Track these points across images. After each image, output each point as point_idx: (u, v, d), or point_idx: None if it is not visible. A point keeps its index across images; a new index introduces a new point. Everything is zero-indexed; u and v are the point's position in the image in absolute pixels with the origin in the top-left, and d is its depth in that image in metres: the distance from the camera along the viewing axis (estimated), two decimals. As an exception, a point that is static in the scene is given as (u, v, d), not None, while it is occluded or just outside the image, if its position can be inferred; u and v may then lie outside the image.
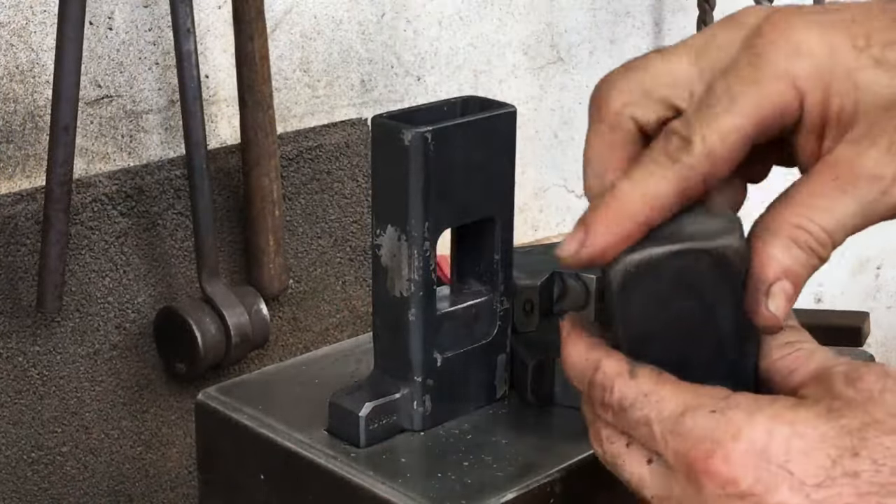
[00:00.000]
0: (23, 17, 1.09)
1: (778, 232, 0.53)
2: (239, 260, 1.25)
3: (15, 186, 1.12)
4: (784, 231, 0.53)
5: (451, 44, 1.46)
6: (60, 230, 1.07)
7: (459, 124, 0.77)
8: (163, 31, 1.18)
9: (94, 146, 1.17)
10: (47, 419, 1.15)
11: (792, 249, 0.53)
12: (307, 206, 1.31)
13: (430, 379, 0.80)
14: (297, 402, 0.85)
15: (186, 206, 1.19)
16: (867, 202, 0.53)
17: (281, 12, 1.28)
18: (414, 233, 0.76)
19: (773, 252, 0.53)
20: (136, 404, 1.21)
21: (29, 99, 1.11)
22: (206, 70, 1.21)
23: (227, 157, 1.24)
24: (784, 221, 0.53)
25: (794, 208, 0.53)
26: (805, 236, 0.53)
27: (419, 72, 1.43)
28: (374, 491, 0.76)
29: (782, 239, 0.53)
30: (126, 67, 1.17)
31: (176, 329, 1.18)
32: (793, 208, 0.53)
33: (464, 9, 1.46)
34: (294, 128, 1.32)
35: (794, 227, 0.53)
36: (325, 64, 1.33)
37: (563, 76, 1.61)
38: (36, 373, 1.13)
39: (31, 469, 1.15)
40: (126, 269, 1.18)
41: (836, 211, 0.53)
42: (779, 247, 0.53)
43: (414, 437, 0.81)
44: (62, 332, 1.14)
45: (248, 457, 0.84)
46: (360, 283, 1.37)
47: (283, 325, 1.30)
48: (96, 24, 1.14)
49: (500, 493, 0.76)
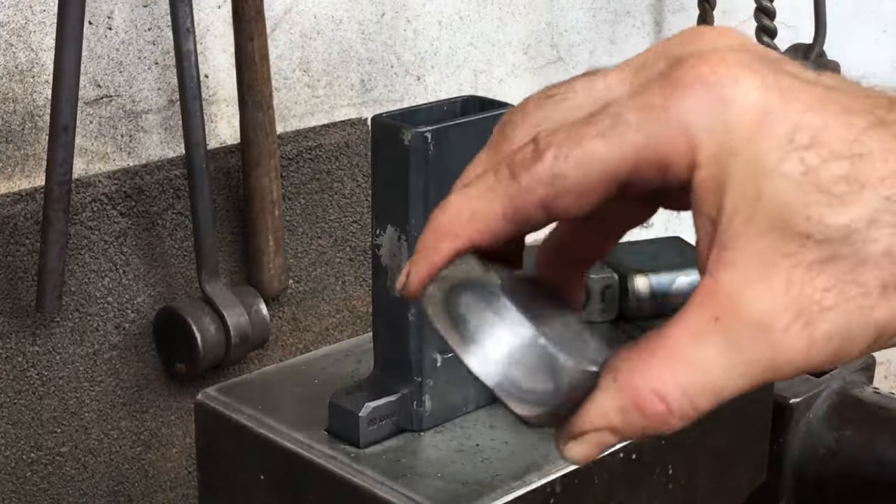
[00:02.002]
0: (22, 17, 1.09)
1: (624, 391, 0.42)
2: (239, 260, 1.25)
3: (14, 186, 1.12)
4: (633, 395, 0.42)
5: (451, 43, 1.46)
6: (60, 230, 1.07)
7: (459, 124, 0.77)
8: (162, 30, 1.18)
9: (94, 146, 1.17)
10: (47, 419, 1.14)
11: (631, 416, 0.42)
12: (307, 206, 1.30)
13: (430, 379, 0.80)
14: (297, 402, 0.85)
15: (186, 205, 1.19)
16: (751, 358, 0.41)
17: (281, 12, 1.28)
18: (414, 233, 0.76)
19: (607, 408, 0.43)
20: (136, 404, 1.21)
21: (28, 99, 1.11)
22: (205, 70, 1.21)
23: (227, 156, 1.24)
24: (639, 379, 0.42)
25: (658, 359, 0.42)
26: (658, 406, 0.42)
27: (419, 72, 1.43)
28: (374, 491, 0.76)
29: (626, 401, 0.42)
30: (126, 67, 1.17)
31: (175, 329, 1.18)
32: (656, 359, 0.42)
33: (464, 8, 1.46)
34: (294, 128, 1.32)
35: (650, 391, 0.42)
36: (324, 64, 1.33)
37: (563, 76, 1.60)
38: (35, 373, 1.13)
39: (31, 469, 1.15)
40: (125, 269, 1.17)
41: (712, 370, 0.41)
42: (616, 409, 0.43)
43: (414, 437, 0.81)
44: (61, 332, 1.14)
45: (248, 457, 0.83)
46: (360, 283, 1.37)
47: (283, 325, 1.30)
48: (96, 24, 1.14)
49: (500, 493, 0.76)
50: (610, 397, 0.42)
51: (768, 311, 0.40)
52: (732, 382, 0.41)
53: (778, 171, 0.40)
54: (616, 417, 0.42)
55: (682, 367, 0.41)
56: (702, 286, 0.42)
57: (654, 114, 0.42)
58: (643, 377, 0.42)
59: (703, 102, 0.41)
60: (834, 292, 0.40)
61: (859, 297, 0.40)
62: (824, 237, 0.40)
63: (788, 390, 1.07)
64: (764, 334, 0.41)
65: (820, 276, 0.40)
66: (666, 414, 0.42)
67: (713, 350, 0.41)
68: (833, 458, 1.08)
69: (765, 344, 0.41)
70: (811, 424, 1.08)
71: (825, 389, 1.09)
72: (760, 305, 0.41)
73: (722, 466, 0.93)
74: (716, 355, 0.41)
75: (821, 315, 0.40)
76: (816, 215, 0.40)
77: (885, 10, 1.93)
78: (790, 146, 0.41)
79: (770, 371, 0.41)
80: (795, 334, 0.40)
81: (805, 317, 0.40)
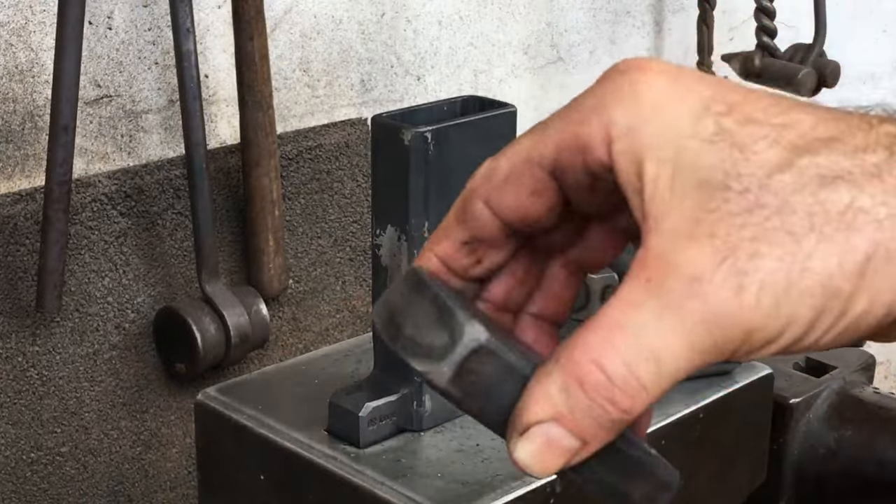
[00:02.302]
0: (22, 17, 1.09)
1: (565, 367, 0.41)
2: (239, 260, 1.25)
3: (14, 186, 1.12)
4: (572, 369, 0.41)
5: (451, 43, 1.46)
6: (60, 230, 1.07)
7: (459, 124, 0.77)
8: (162, 30, 1.18)
9: (94, 146, 1.17)
10: (46, 419, 1.14)
11: (574, 395, 0.41)
12: (307, 206, 1.30)
13: (430, 379, 0.80)
14: (297, 402, 0.85)
15: (186, 205, 1.19)
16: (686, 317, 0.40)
17: (281, 12, 1.28)
18: (414, 233, 0.76)
19: (549, 390, 0.41)
20: (136, 404, 1.21)
21: (28, 99, 1.11)
22: (205, 70, 1.21)
23: (227, 156, 1.24)
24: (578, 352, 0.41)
25: (596, 333, 0.41)
26: (597, 376, 0.40)
27: (419, 71, 1.43)
28: (374, 491, 0.76)
29: (568, 377, 0.41)
30: (125, 67, 1.17)
31: (175, 329, 1.18)
32: (594, 333, 0.41)
33: (464, 8, 1.46)
34: (294, 127, 1.32)
35: (589, 361, 0.40)
36: (324, 64, 1.33)
37: (563, 76, 1.61)
38: (35, 373, 1.13)
39: (31, 469, 1.15)
40: (125, 269, 1.17)
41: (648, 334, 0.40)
42: (559, 389, 0.41)
43: (414, 437, 0.81)
44: (61, 332, 1.14)
45: (248, 457, 0.83)
46: (360, 283, 1.37)
47: (283, 325, 1.30)
48: (96, 24, 1.14)
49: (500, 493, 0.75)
50: (552, 379, 0.41)
51: (695, 264, 0.40)
52: (673, 347, 0.40)
53: (693, 132, 0.41)
54: (559, 399, 0.41)
55: (618, 335, 0.40)
56: (635, 257, 0.42)
57: (572, 104, 0.44)
58: (583, 351, 0.41)
59: (615, 86, 0.43)
60: (763, 241, 0.39)
61: (791, 244, 0.39)
62: (743, 187, 0.40)
63: (788, 390, 1.07)
64: (693, 288, 0.39)
65: (746, 226, 0.39)
66: (608, 386, 0.40)
67: (647, 313, 0.40)
68: (833, 458, 1.08)
69: (696, 298, 0.39)
70: (811, 424, 1.08)
71: (825, 389, 1.09)
72: (686, 259, 0.40)
73: (722, 466, 0.93)
74: (650, 318, 0.40)
75: (751, 262, 0.39)
76: (734, 169, 0.40)
77: (885, 10, 1.93)
78: (705, 112, 0.41)
79: (709, 329, 0.40)
80: (724, 283, 0.39)
81: (732, 265, 0.39)
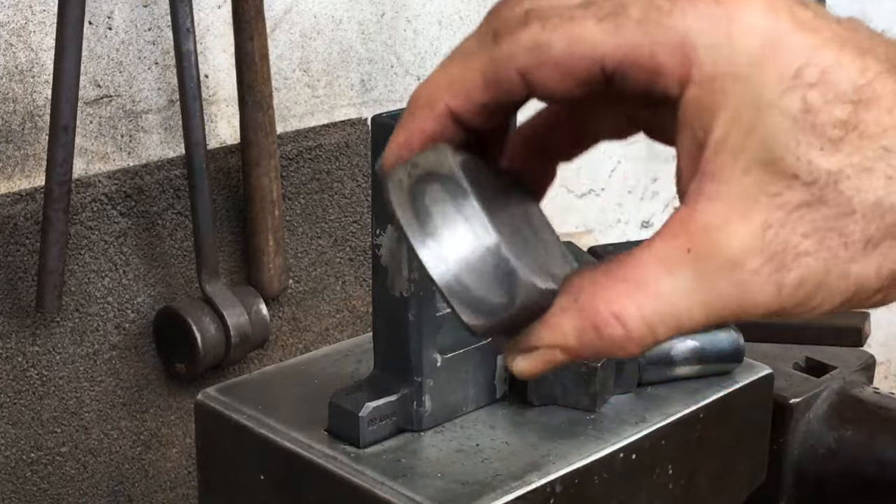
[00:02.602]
0: (22, 17, 1.09)
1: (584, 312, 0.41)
2: (239, 260, 1.25)
3: (14, 186, 1.12)
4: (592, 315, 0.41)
5: (451, 43, 1.46)
6: (60, 230, 1.07)
7: (459, 124, 0.77)
8: (162, 30, 1.18)
9: (94, 146, 1.17)
10: (46, 419, 1.14)
11: (587, 336, 0.41)
12: (307, 206, 1.30)
13: (430, 379, 0.80)
14: (297, 402, 0.85)
15: (186, 205, 1.19)
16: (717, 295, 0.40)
17: (281, 12, 1.28)
18: (414, 232, 0.76)
19: (564, 328, 0.41)
20: (136, 404, 1.21)
21: (28, 99, 1.11)
22: (205, 70, 1.21)
23: (227, 156, 1.24)
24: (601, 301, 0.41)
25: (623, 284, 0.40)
26: (616, 329, 0.40)
27: (419, 71, 1.43)
28: (374, 491, 0.76)
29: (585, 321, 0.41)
30: (125, 67, 1.17)
31: (175, 329, 1.18)
32: (621, 283, 0.40)
33: (464, 8, 1.46)
34: (294, 127, 1.32)
35: (610, 314, 0.40)
36: (324, 64, 1.33)
37: (563, 76, 1.61)
38: (35, 373, 1.13)
39: (31, 469, 1.15)
40: (125, 269, 1.17)
41: (676, 301, 0.40)
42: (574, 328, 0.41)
43: (414, 437, 0.81)
44: (61, 332, 1.14)
45: (247, 457, 0.83)
46: (360, 283, 1.37)
47: (282, 325, 1.30)
48: (96, 24, 1.14)
49: (500, 493, 0.76)
50: (569, 317, 0.41)
51: (742, 250, 0.39)
52: (695, 316, 0.40)
53: (778, 106, 0.39)
54: (572, 337, 0.41)
55: (646, 295, 0.40)
56: (677, 215, 0.40)
57: (656, 15, 0.39)
58: (606, 300, 0.40)
59: (710, 17, 0.39)
60: (813, 239, 0.39)
61: (839, 248, 0.39)
62: (812, 179, 0.39)
63: (788, 390, 1.07)
64: (734, 273, 0.39)
65: (801, 220, 0.39)
66: (624, 339, 0.40)
67: (681, 282, 0.40)
68: (833, 458, 1.08)
69: (733, 283, 0.39)
70: (811, 424, 1.08)
71: (825, 389, 1.09)
72: (734, 242, 0.39)
73: (722, 466, 0.93)
74: (682, 288, 0.40)
75: (795, 261, 0.39)
76: (807, 156, 0.39)
77: (885, 10, 1.92)
78: (795, 80, 0.39)
79: (736, 310, 0.40)
80: (766, 277, 0.39)
81: (778, 260, 0.39)
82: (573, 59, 0.40)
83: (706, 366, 0.92)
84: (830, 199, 0.39)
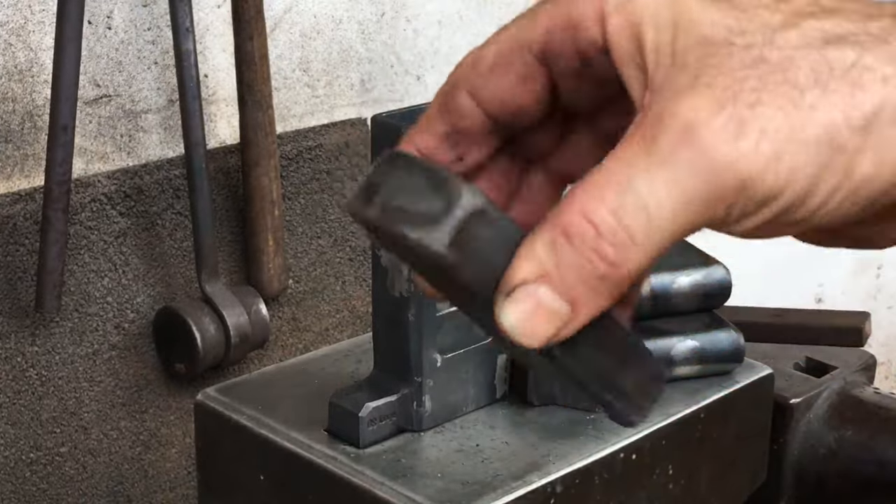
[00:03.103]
0: (21, 17, 1.09)
1: (555, 223, 0.40)
2: (238, 260, 1.25)
3: (13, 186, 1.12)
4: (562, 224, 0.39)
5: (451, 43, 1.46)
6: (59, 230, 1.07)
7: (459, 123, 0.77)
8: (162, 30, 1.18)
9: (93, 146, 1.17)
10: (46, 419, 1.14)
11: (560, 248, 0.39)
12: (307, 206, 1.30)
13: (430, 379, 0.80)
14: (296, 402, 0.85)
15: (185, 205, 1.19)
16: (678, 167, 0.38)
17: (280, 12, 1.28)
18: (414, 232, 0.76)
19: (536, 248, 0.40)
20: (135, 405, 1.21)
21: (27, 98, 1.11)
22: (205, 69, 1.21)
23: (227, 156, 1.24)
24: (569, 210, 0.39)
25: (585, 189, 0.40)
26: (586, 228, 0.39)
27: (419, 71, 1.43)
28: (374, 491, 0.75)
29: (555, 231, 0.39)
30: (125, 67, 1.17)
31: (175, 329, 1.18)
32: (583, 190, 0.40)
33: (464, 8, 1.46)
34: (294, 127, 1.31)
35: (575, 212, 0.39)
36: (324, 63, 1.33)
37: (563, 76, 1.61)
38: (34, 373, 1.13)
39: (30, 469, 1.14)
40: (125, 269, 1.17)
41: (638, 186, 0.39)
42: (545, 245, 0.40)
43: (414, 438, 0.81)
44: (61, 332, 1.14)
45: (247, 457, 0.83)
46: (360, 283, 1.37)
47: (282, 325, 1.30)
48: (95, 24, 1.14)
49: (500, 493, 0.75)
50: (539, 236, 0.40)
51: (691, 113, 0.39)
52: (662, 198, 0.39)
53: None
54: (545, 255, 0.40)
55: (607, 188, 0.39)
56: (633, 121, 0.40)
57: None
58: (570, 205, 0.40)
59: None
60: (765, 92, 0.39)
61: (794, 95, 0.39)
62: (747, 43, 0.39)
63: (789, 390, 1.07)
64: (687, 135, 0.38)
65: (748, 78, 0.39)
66: (594, 236, 0.39)
67: (640, 165, 0.39)
68: (833, 458, 1.08)
69: (689, 146, 0.38)
70: (811, 424, 1.08)
71: (825, 389, 1.09)
72: (682, 109, 0.39)
73: (722, 466, 0.93)
74: (643, 169, 0.39)
75: (751, 111, 0.39)
76: (738, 26, 0.40)
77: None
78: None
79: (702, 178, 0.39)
80: (722, 129, 0.38)
81: (732, 112, 0.39)
82: (505, 57, 0.44)
83: (706, 366, 0.91)
84: (771, 56, 0.39)
